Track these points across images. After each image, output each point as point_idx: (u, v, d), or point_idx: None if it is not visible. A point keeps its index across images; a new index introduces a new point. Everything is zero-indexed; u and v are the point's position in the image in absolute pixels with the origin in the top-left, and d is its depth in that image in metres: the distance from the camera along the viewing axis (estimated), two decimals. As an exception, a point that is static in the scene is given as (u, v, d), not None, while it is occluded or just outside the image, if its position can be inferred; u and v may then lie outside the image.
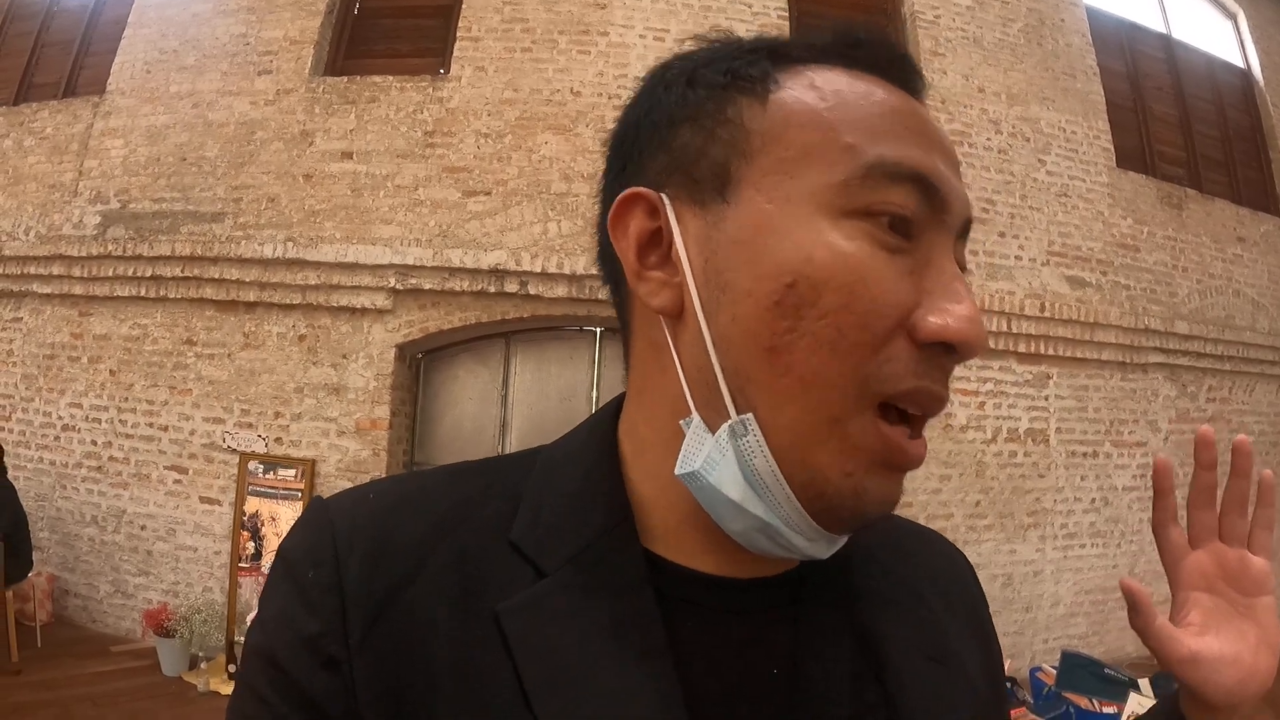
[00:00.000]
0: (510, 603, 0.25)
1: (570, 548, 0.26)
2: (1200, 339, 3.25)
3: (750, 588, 0.27)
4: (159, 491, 2.90)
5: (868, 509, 0.23)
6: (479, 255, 2.59)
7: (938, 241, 0.24)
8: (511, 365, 2.84)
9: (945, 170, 0.24)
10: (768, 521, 0.23)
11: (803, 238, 0.23)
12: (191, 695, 2.44)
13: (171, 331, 2.93)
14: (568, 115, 2.71)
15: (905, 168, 0.23)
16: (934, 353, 0.23)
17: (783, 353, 0.23)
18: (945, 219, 0.24)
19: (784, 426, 0.23)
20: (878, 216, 0.23)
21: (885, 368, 0.23)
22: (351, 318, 2.74)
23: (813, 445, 0.23)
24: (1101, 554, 3.09)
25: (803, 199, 0.23)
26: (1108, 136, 3.23)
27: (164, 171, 3.03)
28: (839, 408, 0.23)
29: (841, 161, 0.23)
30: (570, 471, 0.28)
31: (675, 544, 0.27)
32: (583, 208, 2.67)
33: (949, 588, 0.33)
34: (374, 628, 0.24)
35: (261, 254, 2.73)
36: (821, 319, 0.22)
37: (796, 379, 0.23)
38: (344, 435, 2.70)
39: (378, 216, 2.73)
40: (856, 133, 0.23)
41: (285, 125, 2.90)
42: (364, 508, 0.27)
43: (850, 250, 0.23)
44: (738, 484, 0.23)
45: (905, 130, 0.24)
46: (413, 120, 2.78)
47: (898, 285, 0.23)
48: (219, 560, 2.79)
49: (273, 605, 0.26)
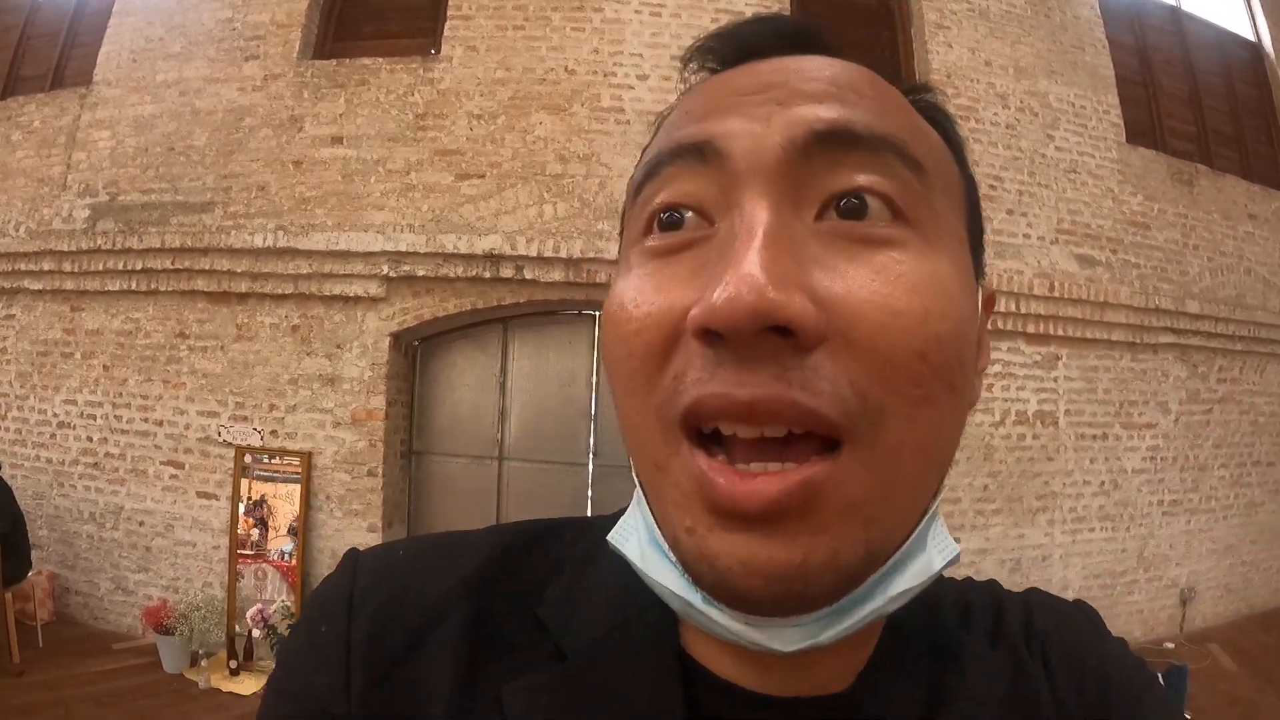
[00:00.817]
0: (517, 684, 0.23)
1: (599, 630, 0.24)
2: (1211, 319, 3.19)
3: (787, 707, 0.22)
4: (156, 487, 2.87)
5: (730, 578, 0.18)
6: (473, 240, 2.54)
7: (737, 204, 0.19)
8: (510, 351, 2.79)
9: (737, 117, 0.20)
10: (684, 596, 0.20)
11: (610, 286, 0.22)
12: (193, 692, 2.43)
13: (164, 325, 2.89)
14: (562, 94, 2.65)
15: (662, 153, 0.20)
16: (720, 347, 0.18)
17: (617, 407, 0.21)
18: (733, 168, 0.19)
19: (643, 482, 0.21)
20: (653, 227, 0.21)
21: (674, 385, 0.19)
22: (345, 307, 2.69)
23: (660, 501, 0.20)
24: (1110, 538, 3.05)
25: (625, 248, 0.22)
26: (1117, 111, 3.15)
27: (152, 162, 2.98)
28: (655, 451, 0.19)
29: (629, 195, 0.22)
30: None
31: (707, 648, 0.23)
32: (579, 189, 2.61)
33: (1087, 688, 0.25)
34: (375, 689, 0.23)
35: (252, 244, 2.68)
36: (612, 363, 0.21)
37: (630, 431, 0.21)
38: (340, 426, 2.66)
39: (369, 202, 2.67)
40: (652, 148, 0.22)
41: (274, 111, 2.84)
42: (387, 562, 0.26)
43: (623, 278, 0.21)
44: (644, 553, 0.21)
45: (699, 109, 0.21)
46: (403, 103, 2.72)
47: (660, 292, 0.19)
48: (218, 555, 2.77)
49: (291, 648, 0.26)
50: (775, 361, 0.17)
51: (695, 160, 0.20)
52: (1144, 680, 0.27)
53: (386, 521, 2.65)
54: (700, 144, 0.20)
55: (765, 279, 0.17)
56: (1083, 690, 0.25)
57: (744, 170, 0.19)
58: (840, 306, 0.18)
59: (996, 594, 0.29)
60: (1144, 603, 3.11)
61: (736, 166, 0.19)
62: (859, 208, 0.19)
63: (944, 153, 0.22)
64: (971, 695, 0.23)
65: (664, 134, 0.22)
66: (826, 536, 0.18)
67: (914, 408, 0.18)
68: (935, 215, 0.20)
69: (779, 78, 0.20)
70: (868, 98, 0.20)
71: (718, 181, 0.19)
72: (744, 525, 0.18)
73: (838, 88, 0.20)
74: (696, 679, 0.23)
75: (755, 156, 0.19)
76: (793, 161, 0.19)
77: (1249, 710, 2.46)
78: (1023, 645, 0.26)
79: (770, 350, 0.17)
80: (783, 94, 0.20)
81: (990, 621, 0.27)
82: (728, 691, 0.22)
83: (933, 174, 0.20)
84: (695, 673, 0.23)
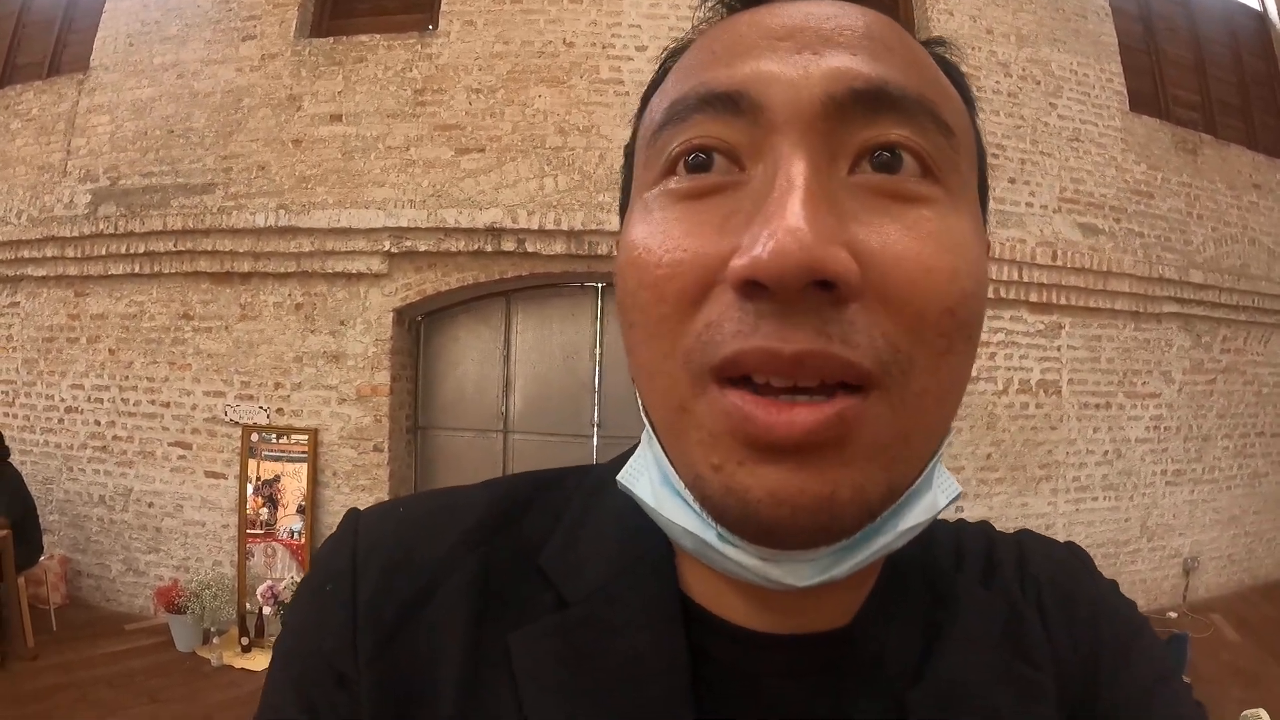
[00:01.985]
0: (523, 632, 0.23)
1: (600, 577, 0.24)
2: (1215, 288, 3.18)
3: (787, 645, 0.23)
4: (164, 468, 2.90)
5: (759, 511, 0.18)
6: (474, 214, 2.53)
7: (773, 153, 0.19)
8: (513, 324, 2.79)
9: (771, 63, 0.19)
10: (699, 535, 0.20)
11: (622, 230, 0.22)
12: (206, 670, 2.45)
13: (168, 307, 2.90)
14: (560, 67, 2.63)
15: (689, 99, 0.20)
16: (761, 299, 0.18)
17: (632, 351, 0.21)
18: (770, 119, 0.19)
19: (659, 426, 0.21)
20: (677, 168, 0.20)
21: (707, 334, 0.18)
22: (348, 283, 2.69)
23: (681, 441, 0.20)
24: (1114, 507, 3.06)
25: (640, 189, 0.22)
26: (1120, 79, 3.12)
27: (152, 145, 2.97)
28: (679, 394, 0.19)
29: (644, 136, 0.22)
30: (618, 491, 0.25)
31: (701, 586, 0.24)
32: (579, 161, 2.60)
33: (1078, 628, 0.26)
34: (384, 647, 0.23)
35: (254, 223, 2.68)
36: (635, 308, 0.20)
37: (645, 374, 0.21)
38: (345, 403, 2.68)
39: (369, 179, 2.67)
40: (672, 90, 0.21)
41: (272, 91, 2.83)
42: (389, 521, 0.26)
43: (642, 221, 0.20)
44: (655, 492, 0.22)
45: (725, 50, 0.20)
46: (402, 79, 2.71)
47: (691, 237, 0.19)
48: (227, 534, 2.80)
49: (296, 614, 0.26)
50: (816, 315, 0.17)
51: (727, 109, 0.19)
52: (1134, 623, 0.27)
53: (394, 496, 2.67)
54: (734, 93, 0.19)
55: (811, 232, 0.17)
56: (1074, 631, 0.26)
57: (781, 121, 0.19)
58: (876, 261, 0.18)
59: (989, 535, 0.29)
60: (1147, 572, 3.12)
61: (773, 117, 0.19)
62: (892, 162, 0.19)
63: (965, 114, 0.22)
64: (966, 635, 0.24)
65: (687, 75, 0.21)
66: (854, 471, 0.18)
67: (938, 358, 0.19)
68: (961, 176, 0.20)
69: (812, 23, 0.20)
70: (898, 53, 0.20)
71: (749, 129, 0.19)
72: (776, 457, 0.18)
73: (871, 40, 0.20)
74: (697, 620, 0.23)
75: (794, 108, 0.19)
76: (831, 116, 0.19)
77: (1251, 680, 2.47)
78: (1016, 586, 0.26)
79: (811, 304, 0.17)
80: (816, 41, 0.19)
81: (983, 563, 0.27)
82: (728, 631, 0.23)
83: (960, 136, 0.21)
84: (696, 614, 0.23)
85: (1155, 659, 0.26)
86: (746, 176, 0.19)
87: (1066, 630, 0.26)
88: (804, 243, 0.17)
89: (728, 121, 0.19)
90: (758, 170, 0.19)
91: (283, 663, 0.25)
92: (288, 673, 0.25)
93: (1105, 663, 0.26)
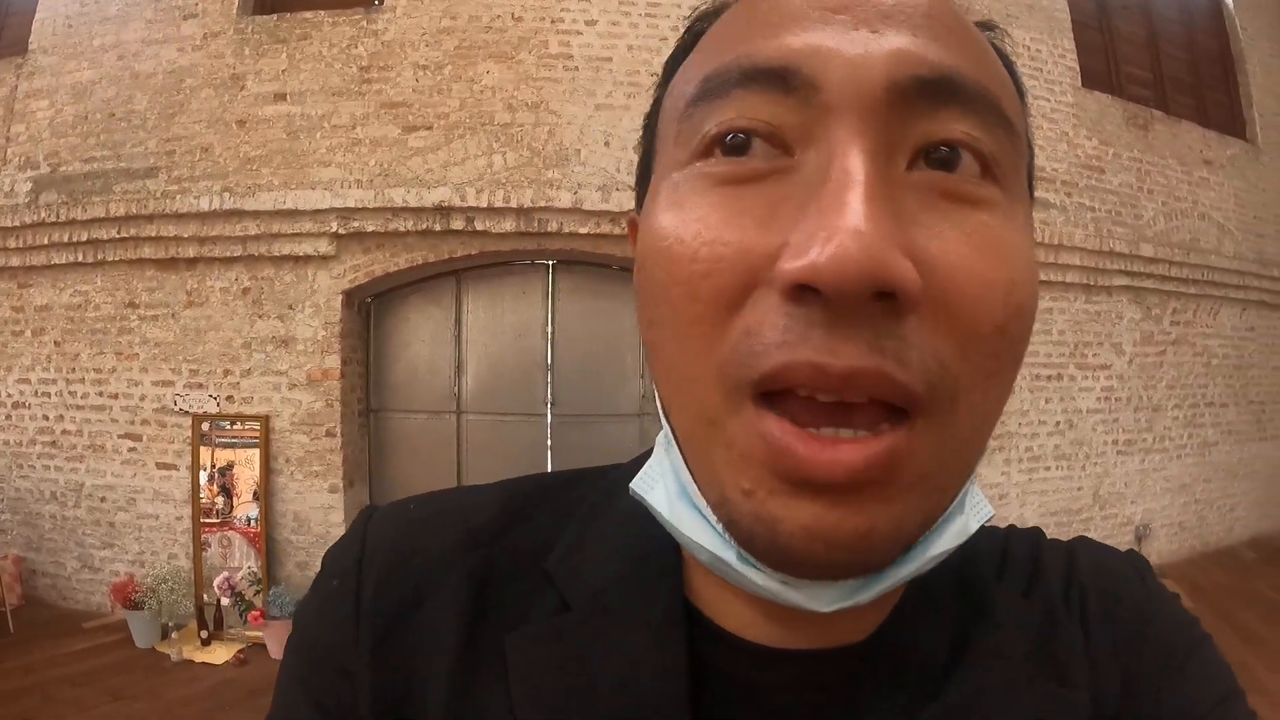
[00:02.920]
0: (520, 634, 0.23)
1: (604, 581, 0.23)
2: (1165, 262, 3.25)
3: (793, 660, 0.22)
4: (115, 461, 2.83)
5: (790, 545, 0.17)
6: (422, 193, 2.49)
7: (827, 139, 0.17)
8: (464, 304, 2.76)
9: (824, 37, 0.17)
10: (717, 554, 0.19)
11: (649, 215, 0.19)
12: (166, 665, 2.41)
13: (113, 296, 2.82)
14: (509, 42, 2.59)
15: (728, 73, 0.18)
16: (812, 306, 0.16)
17: (655, 350, 0.19)
18: (825, 101, 0.17)
19: (681, 435, 0.19)
20: (714, 150, 0.18)
21: (745, 343, 0.17)
22: (295, 266, 2.64)
23: (707, 457, 0.18)
24: (1066, 476, 3.13)
25: (669, 167, 0.19)
26: (1073, 55, 3.15)
27: (93, 130, 2.88)
28: (709, 406, 0.18)
29: (675, 112, 0.19)
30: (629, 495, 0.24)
31: (706, 596, 0.23)
32: (528, 138, 2.57)
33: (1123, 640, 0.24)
34: (382, 644, 0.24)
35: (198, 207, 2.61)
36: (662, 304, 0.18)
37: (668, 377, 0.19)
38: (296, 388, 2.63)
39: (315, 159, 2.61)
40: (692, 69, 0.19)
41: (215, 70, 2.75)
42: (399, 519, 0.26)
43: (673, 207, 0.18)
44: (672, 505, 0.20)
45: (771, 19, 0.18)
46: (347, 56, 2.64)
47: (731, 229, 0.17)
48: (181, 526, 2.75)
49: (306, 610, 0.26)
50: (869, 326, 0.16)
51: (774, 86, 0.17)
52: (1190, 640, 0.25)
53: (348, 481, 2.64)
54: (783, 68, 0.17)
55: (874, 235, 0.15)
56: (1117, 645, 0.24)
57: (837, 105, 0.17)
58: (936, 270, 0.16)
59: (1038, 542, 0.27)
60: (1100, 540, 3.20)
61: (829, 100, 0.17)
62: (950, 158, 0.18)
63: (1021, 108, 0.21)
64: (995, 650, 0.22)
65: (725, 44, 0.19)
66: (895, 506, 0.17)
67: (986, 380, 0.17)
68: (1018, 176, 0.19)
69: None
70: (958, 37, 0.18)
71: (799, 110, 0.17)
72: (813, 492, 0.16)
73: (931, 21, 0.18)
74: (702, 629, 0.22)
75: (853, 90, 0.17)
76: (893, 104, 0.17)
77: (1200, 640, 2.55)
78: (1059, 596, 0.25)
79: (865, 313, 0.16)
80: (874, 16, 0.18)
81: (1028, 571, 0.26)
82: (733, 644, 0.22)
83: (1020, 134, 0.19)
84: (701, 623, 0.22)
85: (1215, 679, 0.24)
86: (794, 162, 0.17)
87: (1110, 643, 0.24)
88: (867, 247, 0.15)
89: (775, 100, 0.17)
90: (808, 156, 0.17)
91: (293, 659, 0.25)
92: (297, 669, 0.25)
93: (1148, 681, 0.24)
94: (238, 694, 2.22)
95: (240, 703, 2.17)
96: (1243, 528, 3.74)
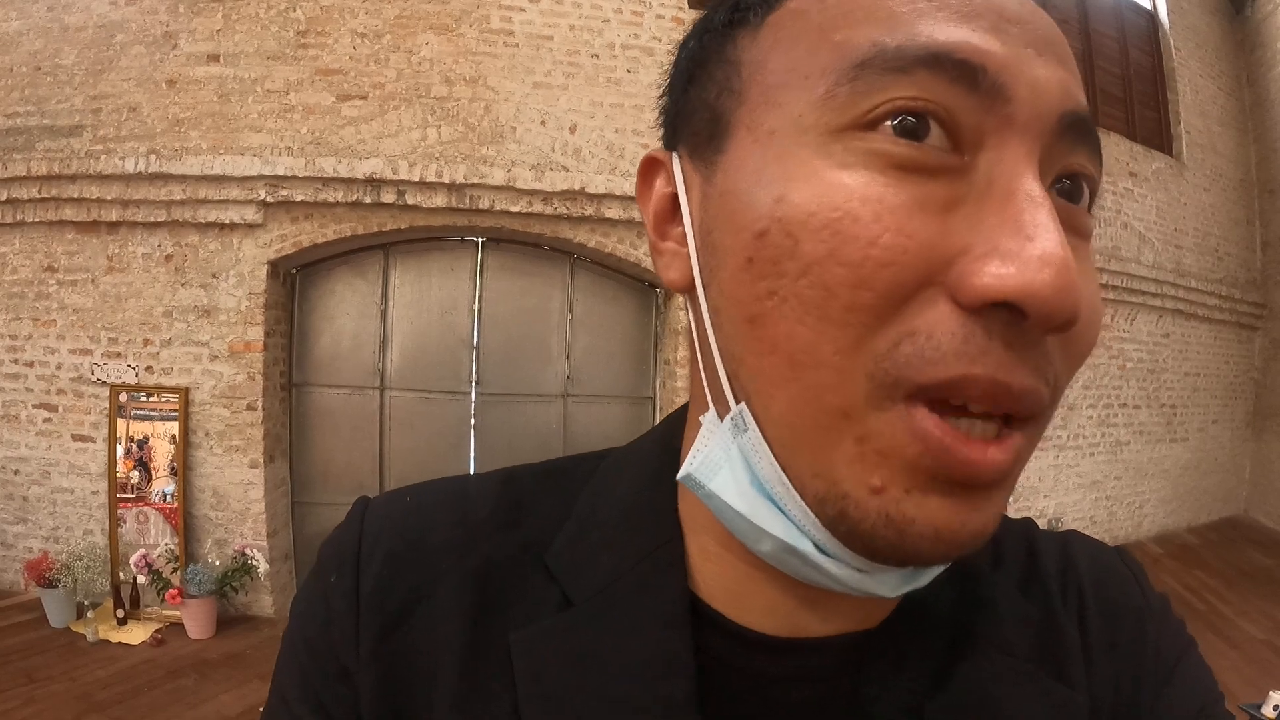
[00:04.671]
0: (525, 631, 0.22)
1: (605, 575, 0.23)
2: (1088, 268, 3.40)
3: (800, 650, 0.22)
4: (29, 432, 2.71)
5: (916, 544, 0.17)
6: (353, 164, 2.45)
7: (1005, 150, 0.16)
8: (391, 278, 2.72)
9: (1003, 44, 0.17)
10: (790, 544, 0.18)
11: (779, 173, 0.17)
12: (82, 645, 2.33)
13: (31, 259, 2.69)
14: (450, 14, 2.55)
15: (913, 48, 0.16)
16: (994, 320, 0.16)
17: (765, 324, 0.17)
18: (1010, 112, 0.16)
19: (780, 421, 0.18)
20: (880, 125, 0.16)
21: (908, 344, 0.16)
22: (220, 234, 2.56)
23: (822, 448, 0.17)
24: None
25: (789, 127, 0.18)
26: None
27: (17, 83, 2.73)
28: (844, 397, 0.17)
29: (828, 68, 0.17)
30: (628, 481, 0.25)
31: (714, 587, 0.22)
32: (464, 113, 2.54)
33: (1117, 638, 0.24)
34: (384, 641, 0.23)
35: (123, 169, 2.51)
36: (803, 275, 0.16)
37: (784, 357, 0.17)
38: (217, 360, 2.56)
39: (246, 124, 2.54)
40: (851, 26, 0.17)
41: (147, 27, 2.64)
42: (396, 510, 0.25)
43: (836, 178, 0.16)
44: (744, 493, 0.18)
45: (950, 3, 0.17)
46: (284, 19, 2.57)
47: (914, 220, 0.16)
48: (97, 501, 2.65)
49: (303, 601, 0.25)
50: (1036, 349, 0.16)
51: (963, 79, 0.16)
52: (1182, 643, 0.25)
53: (268, 456, 2.58)
54: (978, 66, 0.16)
55: (1074, 268, 0.15)
56: (1115, 645, 0.24)
57: (1020, 121, 0.16)
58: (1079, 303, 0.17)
59: (1031, 534, 0.27)
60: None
61: (1014, 112, 0.16)
62: (1073, 191, 0.18)
63: None
64: (998, 642, 0.23)
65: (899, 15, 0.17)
66: (999, 505, 0.18)
67: (1061, 393, 0.18)
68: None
69: (1029, 16, 0.17)
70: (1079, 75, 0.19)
71: (980, 112, 0.16)
72: (950, 491, 0.17)
73: (1070, 57, 0.18)
74: (706, 621, 0.22)
75: (1035, 112, 0.16)
76: (1059, 134, 0.17)
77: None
78: (1057, 593, 0.25)
79: (1034, 335, 0.16)
80: (1039, 41, 0.17)
81: (1023, 564, 0.26)
82: (740, 635, 0.22)
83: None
84: (705, 614, 0.22)
85: (1201, 684, 0.25)
86: (965, 163, 0.17)
87: (1109, 642, 0.24)
88: (1074, 280, 0.15)
89: (958, 93, 0.16)
90: (979, 160, 0.17)
91: (290, 653, 0.25)
92: (294, 665, 0.24)
93: (1148, 685, 0.24)
94: (156, 675, 2.17)
95: (158, 684, 2.12)
96: (1150, 524, 3.94)
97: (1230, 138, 4.30)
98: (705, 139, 0.20)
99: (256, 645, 2.36)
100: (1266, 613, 2.89)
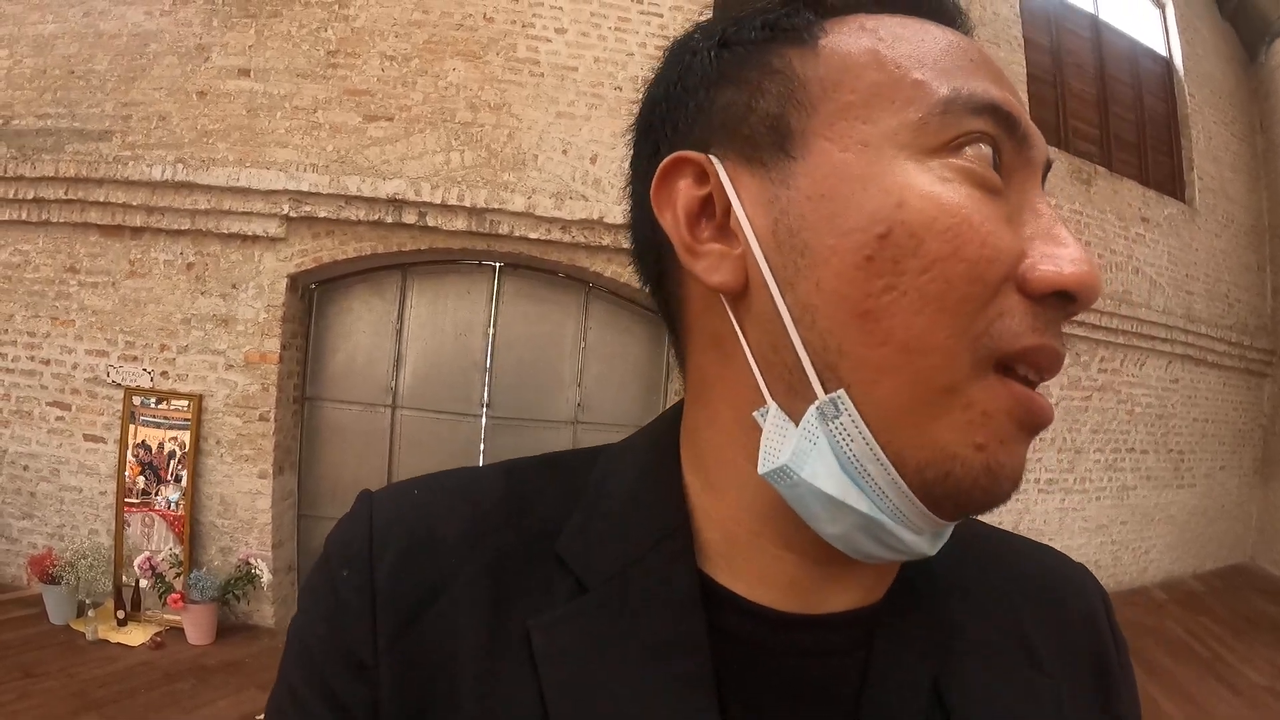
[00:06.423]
0: (543, 619, 0.23)
1: (617, 561, 0.24)
2: (1097, 311, 3.40)
3: (813, 625, 0.23)
4: (41, 429, 2.74)
5: (1002, 486, 0.20)
6: (377, 183, 2.49)
7: (1028, 182, 0.22)
8: (407, 298, 2.75)
9: (1020, 104, 0.22)
10: (872, 517, 0.20)
11: (891, 182, 0.20)
12: (80, 643, 2.34)
13: (54, 258, 2.74)
14: (478, 41, 2.60)
15: (981, 99, 0.21)
16: (1048, 305, 0.20)
17: (880, 317, 0.20)
18: (1031, 155, 0.22)
19: (885, 403, 0.20)
20: (963, 151, 0.21)
21: (998, 324, 0.20)
22: (242, 245, 2.60)
23: (928, 420, 0.20)
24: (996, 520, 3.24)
25: (883, 142, 0.21)
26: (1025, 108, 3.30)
27: (50, 85, 2.79)
28: (952, 374, 0.20)
29: (916, 99, 0.21)
30: (629, 472, 0.26)
31: (732, 568, 0.24)
32: (487, 138, 2.58)
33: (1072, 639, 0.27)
34: (402, 635, 0.23)
35: (150, 176, 2.56)
36: (925, 272, 0.20)
37: (897, 346, 0.20)
38: (232, 369, 2.59)
39: (273, 139, 2.59)
40: (924, 69, 0.21)
41: (180, 38, 2.70)
42: (404, 503, 0.26)
43: (947, 191, 0.20)
44: (834, 476, 0.20)
45: (971, 65, 0.22)
46: (315, 38, 2.63)
47: (1001, 227, 0.20)
48: (104, 501, 2.67)
49: (310, 598, 0.25)
50: (1059, 324, 0.21)
51: (1007, 127, 0.21)
52: (1124, 642, 0.29)
53: (277, 467, 2.60)
54: (1016, 118, 0.21)
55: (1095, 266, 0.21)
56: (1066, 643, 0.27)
57: (1036, 162, 0.22)
58: None
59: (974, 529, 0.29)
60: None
61: (1033, 156, 0.22)
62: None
63: None
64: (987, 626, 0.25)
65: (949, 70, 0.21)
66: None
67: None
68: None
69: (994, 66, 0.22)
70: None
71: (1013, 151, 0.21)
72: (1024, 438, 0.21)
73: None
74: (718, 600, 0.23)
75: (1041, 155, 0.22)
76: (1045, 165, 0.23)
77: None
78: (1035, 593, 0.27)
79: (1064, 317, 0.21)
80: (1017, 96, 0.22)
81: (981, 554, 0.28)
82: (751, 610, 0.23)
83: None
84: (716, 593, 0.23)
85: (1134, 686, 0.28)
86: (1006, 188, 0.21)
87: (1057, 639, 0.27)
88: (1098, 274, 0.20)
89: (1003, 135, 0.21)
90: (1010, 185, 0.21)
91: (300, 648, 0.24)
92: (305, 657, 0.24)
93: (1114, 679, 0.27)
94: (153, 677, 2.17)
95: (155, 686, 2.12)
96: (1156, 569, 3.91)
97: (1242, 184, 4.31)
98: (766, 144, 0.22)
99: (256, 654, 2.36)
100: (1271, 660, 2.85)
